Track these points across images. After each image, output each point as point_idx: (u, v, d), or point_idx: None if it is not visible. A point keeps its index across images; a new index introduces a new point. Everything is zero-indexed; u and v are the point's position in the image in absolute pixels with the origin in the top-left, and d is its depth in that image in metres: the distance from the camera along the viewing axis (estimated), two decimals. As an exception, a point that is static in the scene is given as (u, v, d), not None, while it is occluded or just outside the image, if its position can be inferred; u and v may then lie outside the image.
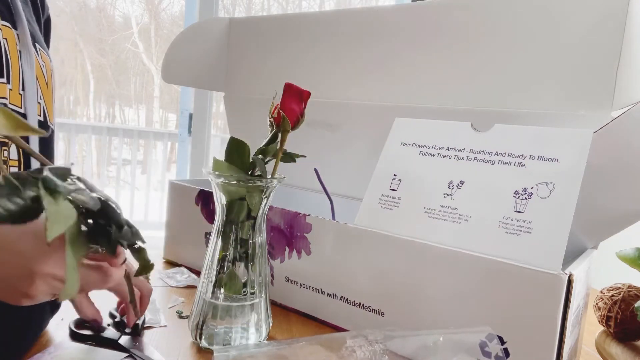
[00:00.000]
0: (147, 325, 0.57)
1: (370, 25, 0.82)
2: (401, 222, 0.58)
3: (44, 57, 0.53)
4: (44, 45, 0.55)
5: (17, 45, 0.47)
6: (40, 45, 0.53)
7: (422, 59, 0.77)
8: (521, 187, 0.52)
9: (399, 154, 0.64)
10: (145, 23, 3.81)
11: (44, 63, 0.53)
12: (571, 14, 0.64)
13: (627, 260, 0.57)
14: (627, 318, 0.56)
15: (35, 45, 0.51)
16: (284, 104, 0.55)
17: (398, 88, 0.80)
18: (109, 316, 0.58)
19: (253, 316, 0.53)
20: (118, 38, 3.79)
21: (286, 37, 0.93)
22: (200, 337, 0.52)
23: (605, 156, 0.54)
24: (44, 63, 0.53)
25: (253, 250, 0.54)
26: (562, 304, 0.45)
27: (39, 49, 0.52)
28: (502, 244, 0.50)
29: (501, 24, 0.70)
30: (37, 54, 0.51)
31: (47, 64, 0.54)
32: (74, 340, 0.53)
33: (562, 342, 0.45)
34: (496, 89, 0.71)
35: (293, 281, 0.65)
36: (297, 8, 3.33)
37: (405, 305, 0.55)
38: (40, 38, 0.55)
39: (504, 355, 0.45)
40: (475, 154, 0.58)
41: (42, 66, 0.52)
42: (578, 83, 0.63)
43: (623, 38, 0.60)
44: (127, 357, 0.50)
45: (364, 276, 0.58)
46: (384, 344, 0.44)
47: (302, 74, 0.91)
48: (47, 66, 0.54)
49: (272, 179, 0.53)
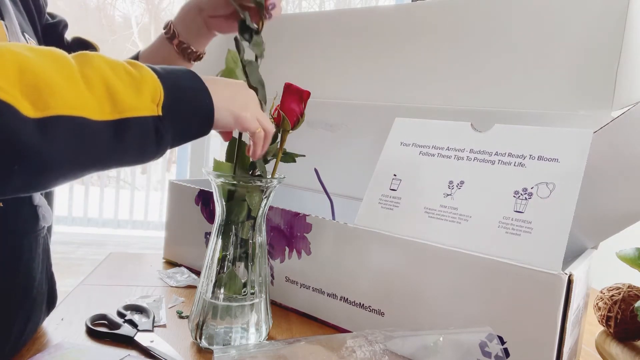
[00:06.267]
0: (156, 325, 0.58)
1: (370, 25, 0.82)
2: (401, 222, 0.58)
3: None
4: (32, 35, 0.55)
5: (6, 36, 0.47)
6: (29, 35, 0.53)
7: (422, 59, 0.77)
8: (521, 187, 0.52)
9: (399, 154, 0.64)
10: (145, 23, 3.82)
11: None
12: (571, 14, 0.64)
13: (627, 260, 0.57)
14: (627, 318, 0.56)
15: (23, 34, 0.51)
16: (283, 104, 0.55)
17: (398, 88, 0.80)
18: (117, 315, 0.58)
19: (253, 316, 0.53)
20: (118, 38, 3.79)
21: (286, 37, 0.93)
22: (200, 337, 0.52)
23: (605, 156, 0.54)
24: None
25: (253, 250, 0.54)
26: (562, 304, 0.45)
27: (28, 39, 0.52)
28: (502, 244, 0.50)
29: (501, 24, 0.70)
30: (27, 43, 0.51)
31: None
32: (89, 336, 0.54)
33: (562, 342, 0.45)
34: (496, 89, 0.71)
35: (293, 281, 0.65)
36: (297, 8, 3.33)
37: (405, 305, 0.55)
38: (29, 28, 0.55)
39: (504, 355, 0.45)
40: (475, 154, 0.58)
41: None
42: (578, 83, 0.63)
43: (623, 38, 0.60)
44: (126, 356, 0.50)
45: (364, 276, 0.58)
46: (384, 344, 0.44)
47: (302, 74, 0.91)
48: None
49: (272, 179, 0.53)
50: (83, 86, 0.36)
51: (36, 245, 0.50)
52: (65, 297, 0.64)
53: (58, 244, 0.67)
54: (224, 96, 0.45)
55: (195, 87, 0.44)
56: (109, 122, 0.36)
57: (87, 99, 0.35)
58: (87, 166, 0.37)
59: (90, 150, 0.36)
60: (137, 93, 0.38)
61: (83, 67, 0.36)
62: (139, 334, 0.54)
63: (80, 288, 0.69)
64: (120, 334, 0.54)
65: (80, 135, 0.35)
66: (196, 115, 0.43)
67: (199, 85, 0.44)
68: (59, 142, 0.33)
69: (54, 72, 0.34)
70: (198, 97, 0.43)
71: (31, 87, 0.32)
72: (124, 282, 0.73)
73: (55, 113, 0.33)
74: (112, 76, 0.37)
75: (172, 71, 0.43)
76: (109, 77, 0.37)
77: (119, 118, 0.37)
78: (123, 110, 0.37)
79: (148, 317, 0.59)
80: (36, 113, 0.32)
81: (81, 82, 0.36)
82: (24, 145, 0.31)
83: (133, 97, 0.38)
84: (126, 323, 0.56)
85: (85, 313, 0.58)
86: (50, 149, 0.33)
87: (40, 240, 0.52)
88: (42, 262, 0.52)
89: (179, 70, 0.44)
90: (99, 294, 0.67)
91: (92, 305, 0.62)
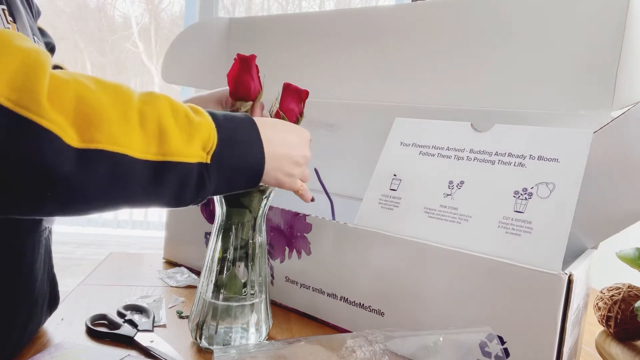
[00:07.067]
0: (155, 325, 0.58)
1: (371, 25, 0.82)
2: (401, 222, 0.58)
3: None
4: (40, 38, 0.55)
5: None
6: (37, 37, 0.53)
7: (422, 59, 0.77)
8: (521, 187, 0.52)
9: (399, 154, 0.63)
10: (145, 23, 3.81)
11: None
12: (571, 14, 0.64)
13: (627, 260, 0.57)
14: (627, 318, 0.56)
15: (34, 38, 0.51)
16: (283, 103, 0.55)
17: (398, 88, 0.80)
18: (117, 315, 0.58)
19: (253, 316, 0.53)
20: (118, 38, 3.79)
21: (286, 37, 0.93)
22: (200, 337, 0.52)
23: (605, 156, 0.54)
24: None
25: (253, 250, 0.54)
26: (562, 304, 0.45)
27: (37, 41, 0.52)
28: (502, 244, 0.50)
29: (501, 24, 0.70)
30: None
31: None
32: (90, 336, 0.54)
33: (562, 342, 0.45)
34: (496, 89, 0.71)
35: (293, 281, 0.65)
36: (297, 8, 3.33)
37: (405, 305, 0.55)
38: (37, 31, 0.55)
39: (504, 355, 0.45)
40: (476, 154, 0.58)
41: None
42: (578, 83, 0.64)
43: (623, 38, 0.60)
44: (126, 356, 0.50)
45: (364, 276, 0.58)
46: (384, 344, 0.44)
47: (302, 73, 0.91)
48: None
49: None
50: (136, 123, 0.36)
51: (39, 246, 0.50)
52: (65, 297, 0.64)
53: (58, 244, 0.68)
54: (276, 153, 0.46)
55: (250, 141, 0.44)
56: (151, 162, 0.37)
57: (136, 136, 0.36)
58: (119, 202, 0.37)
59: (124, 187, 0.36)
60: (188, 138, 0.39)
61: (144, 105, 0.37)
62: (139, 334, 0.54)
63: (80, 288, 0.69)
64: (120, 334, 0.54)
65: (118, 172, 0.35)
66: (244, 172, 0.44)
67: (254, 138, 0.44)
68: (95, 175, 0.34)
69: (111, 106, 0.35)
70: (251, 152, 0.44)
71: (83, 118, 0.33)
72: (124, 282, 0.73)
73: (98, 147, 0.34)
74: (169, 117, 0.38)
75: (232, 119, 0.43)
76: (166, 118, 0.38)
77: (162, 160, 0.37)
78: (169, 153, 0.37)
79: (148, 317, 0.59)
80: (80, 143, 0.33)
81: (136, 118, 0.36)
82: (58, 172, 0.32)
83: (183, 142, 0.38)
84: (126, 323, 0.56)
85: (85, 313, 0.58)
86: (84, 180, 0.33)
87: (43, 241, 0.52)
88: (44, 263, 0.52)
89: (238, 118, 0.44)
90: (99, 294, 0.67)
91: (92, 305, 0.62)
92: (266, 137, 0.45)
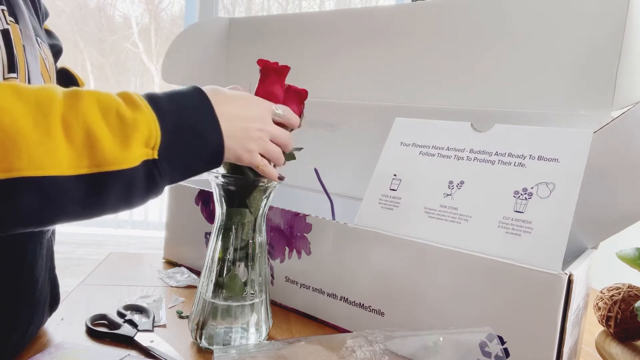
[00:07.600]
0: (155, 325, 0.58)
1: (371, 26, 0.82)
2: (401, 222, 0.58)
3: (45, 51, 0.53)
4: (44, 39, 0.55)
5: (21, 40, 0.47)
6: (41, 39, 0.53)
7: (422, 59, 0.77)
8: (521, 187, 0.52)
9: (399, 154, 0.63)
10: (145, 23, 3.81)
11: (46, 56, 0.52)
12: (571, 14, 0.64)
13: (627, 260, 0.57)
14: (627, 318, 0.56)
15: (37, 39, 0.51)
16: (283, 104, 0.54)
17: (398, 88, 0.80)
18: (117, 315, 0.58)
19: (253, 316, 0.53)
20: (118, 38, 3.78)
21: (286, 37, 0.93)
22: (200, 337, 0.52)
23: (605, 156, 0.54)
24: (46, 56, 0.53)
25: (253, 250, 0.54)
26: (562, 304, 0.45)
27: (40, 43, 0.52)
28: (502, 244, 0.50)
29: (501, 24, 0.70)
30: (40, 48, 0.51)
31: (49, 57, 0.53)
32: (90, 336, 0.54)
33: (562, 342, 0.45)
34: (496, 89, 0.71)
35: (293, 281, 0.65)
36: (297, 8, 3.33)
37: (405, 305, 0.55)
38: (41, 32, 0.55)
39: (504, 355, 0.45)
40: (475, 154, 0.58)
41: (45, 59, 0.52)
42: (578, 83, 0.64)
43: (623, 38, 0.60)
44: (126, 356, 0.50)
45: (364, 276, 0.58)
46: (384, 344, 0.44)
47: (302, 74, 0.91)
48: (49, 59, 0.53)
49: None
50: (61, 137, 0.34)
51: (40, 247, 0.50)
52: (65, 297, 0.64)
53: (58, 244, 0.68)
54: (234, 129, 0.44)
55: (203, 121, 0.42)
56: (85, 176, 0.35)
57: (62, 152, 0.34)
58: (60, 219, 0.36)
59: (60, 207, 0.35)
60: (124, 141, 0.36)
61: (68, 111, 0.35)
62: (139, 334, 0.54)
63: (80, 288, 0.69)
64: (120, 334, 0.54)
65: (48, 195, 0.33)
66: (201, 156, 0.42)
67: (207, 117, 0.42)
68: (21, 204, 0.32)
69: (30, 125, 0.33)
70: (206, 133, 0.42)
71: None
72: (124, 282, 0.73)
73: (20, 174, 0.32)
74: (98, 121, 0.35)
75: (178, 99, 0.41)
76: (94, 122, 0.35)
77: (96, 172, 0.35)
78: (103, 163, 0.35)
79: (148, 317, 0.59)
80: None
81: (59, 132, 0.34)
82: None
83: (118, 147, 0.36)
84: (126, 323, 0.56)
85: (85, 313, 0.58)
86: (10, 210, 0.32)
87: (45, 243, 0.52)
88: (45, 265, 0.52)
89: (186, 96, 0.42)
90: (99, 294, 0.67)
91: (92, 305, 0.62)
92: (221, 112, 0.43)
